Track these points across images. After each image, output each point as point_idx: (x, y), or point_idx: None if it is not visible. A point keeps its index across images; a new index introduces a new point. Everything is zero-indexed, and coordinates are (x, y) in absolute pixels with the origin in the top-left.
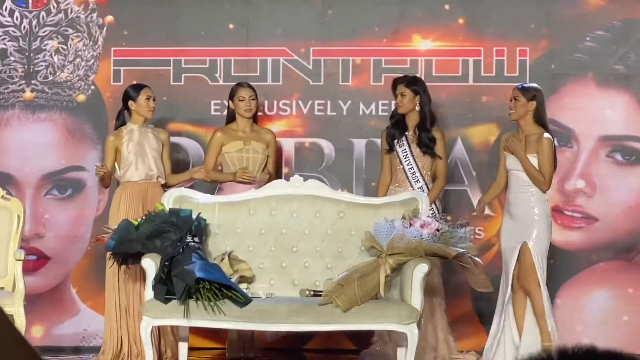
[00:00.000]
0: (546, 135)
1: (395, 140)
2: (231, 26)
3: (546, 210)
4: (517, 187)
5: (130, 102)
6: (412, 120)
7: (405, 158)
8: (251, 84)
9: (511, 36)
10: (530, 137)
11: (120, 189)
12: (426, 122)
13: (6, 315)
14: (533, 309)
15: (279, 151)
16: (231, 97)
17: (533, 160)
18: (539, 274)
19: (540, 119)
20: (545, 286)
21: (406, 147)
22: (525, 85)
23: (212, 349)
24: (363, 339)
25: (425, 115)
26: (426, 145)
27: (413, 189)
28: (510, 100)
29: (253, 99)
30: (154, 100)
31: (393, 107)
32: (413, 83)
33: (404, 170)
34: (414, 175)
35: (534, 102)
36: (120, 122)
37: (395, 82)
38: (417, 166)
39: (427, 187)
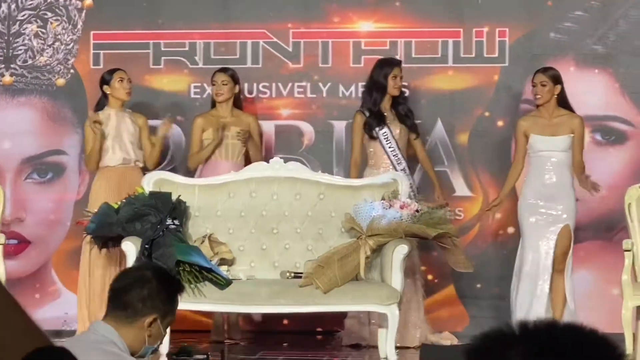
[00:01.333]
0: (577, 115)
1: (377, 128)
2: (210, 9)
3: (574, 192)
4: (549, 167)
5: (105, 87)
6: (387, 102)
7: (387, 142)
8: (231, 67)
9: (491, 17)
10: (559, 117)
11: (99, 174)
12: (398, 98)
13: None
14: (558, 290)
15: (261, 134)
16: (211, 82)
17: (567, 140)
18: (570, 254)
19: (564, 100)
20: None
21: (387, 130)
22: (548, 69)
23: (197, 332)
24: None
25: (400, 93)
26: (407, 117)
27: (396, 172)
28: (534, 86)
29: (225, 84)
30: (129, 81)
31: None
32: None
33: (387, 154)
34: (396, 158)
35: (559, 86)
36: (100, 107)
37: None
38: (399, 148)
39: (409, 169)
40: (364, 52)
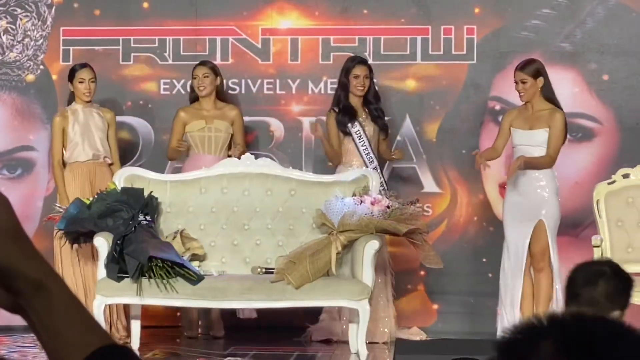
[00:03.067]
0: (559, 110)
1: (349, 125)
2: (181, 5)
3: (556, 187)
4: None
5: (69, 83)
6: (356, 101)
7: (359, 139)
8: (192, 63)
9: (458, 15)
10: (540, 112)
11: (68, 170)
12: (369, 97)
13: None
14: (539, 289)
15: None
16: (192, 76)
17: (544, 134)
18: (552, 253)
19: (548, 94)
20: (558, 268)
21: (359, 128)
22: (526, 64)
23: (166, 327)
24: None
25: (369, 92)
26: (378, 117)
27: (367, 168)
28: (516, 83)
29: (206, 77)
30: (91, 82)
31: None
32: (367, 62)
33: (359, 152)
34: (368, 156)
35: (541, 79)
36: (71, 97)
37: (354, 62)
38: (371, 146)
39: (380, 167)
40: (333, 49)
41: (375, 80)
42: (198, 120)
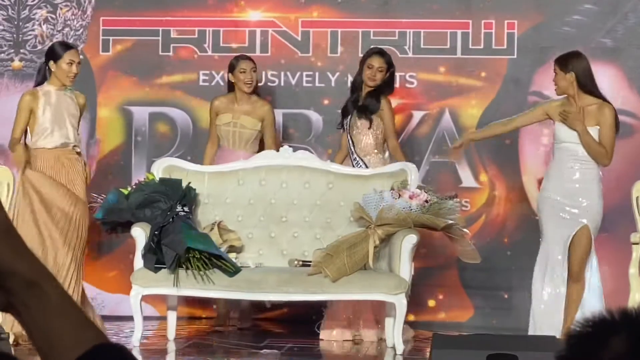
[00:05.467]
0: (607, 104)
1: (344, 121)
2: None
3: (601, 189)
4: (573, 161)
5: (51, 62)
6: (366, 92)
7: (344, 132)
8: (236, 54)
9: (499, 9)
10: (587, 107)
11: (33, 157)
12: (375, 91)
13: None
14: (572, 295)
15: (274, 124)
16: (231, 69)
17: (594, 132)
18: (592, 261)
19: (587, 88)
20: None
21: (348, 119)
22: (561, 56)
23: (200, 319)
24: None
25: (381, 85)
26: (365, 109)
27: (352, 163)
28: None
29: (254, 71)
30: (78, 65)
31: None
32: (386, 55)
33: (350, 144)
34: (351, 148)
35: (572, 73)
36: (41, 77)
37: (370, 52)
38: (352, 139)
39: (362, 160)
40: (373, 42)
41: (414, 74)
42: (228, 113)
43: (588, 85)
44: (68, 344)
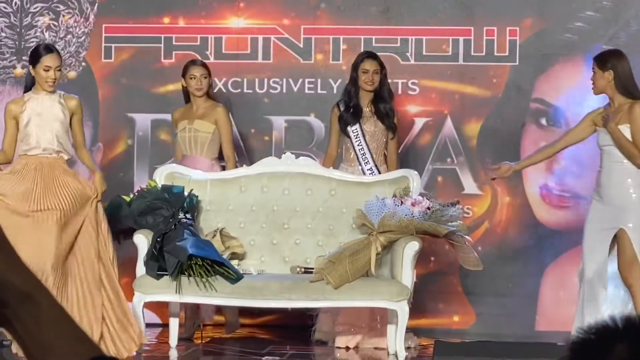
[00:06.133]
0: (637, 101)
1: (349, 125)
2: (224, 4)
3: None
4: (610, 164)
5: (31, 67)
6: (366, 98)
7: (356, 139)
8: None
9: (501, 16)
10: (621, 107)
11: (17, 163)
12: (382, 94)
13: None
14: (635, 306)
15: (230, 127)
16: (183, 74)
17: (626, 131)
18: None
19: (625, 88)
20: None
21: (357, 127)
22: (600, 53)
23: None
24: None
25: (383, 89)
26: (386, 116)
27: (363, 170)
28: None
29: (205, 77)
30: (57, 71)
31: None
32: (378, 58)
33: (355, 152)
34: (364, 157)
35: (611, 72)
36: (30, 82)
37: (363, 56)
38: (368, 147)
39: (378, 170)
40: (374, 49)
41: (416, 80)
42: (184, 120)
43: (626, 85)
44: (63, 357)
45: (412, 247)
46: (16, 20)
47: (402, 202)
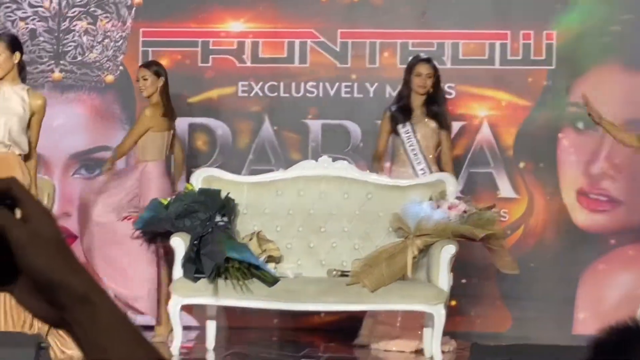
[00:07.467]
0: None
1: (400, 125)
2: (260, 8)
3: None
4: None
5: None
6: (418, 100)
7: (408, 140)
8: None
9: (538, 20)
10: None
11: None
12: (436, 98)
13: None
14: None
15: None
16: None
17: None
18: None
19: None
20: None
21: (409, 128)
22: None
23: (237, 329)
24: None
25: (437, 93)
26: (440, 115)
27: (415, 171)
28: None
29: (145, 79)
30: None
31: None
32: (432, 62)
33: (407, 152)
34: (416, 157)
35: None
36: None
37: (416, 61)
38: (420, 146)
39: (430, 170)
40: (411, 52)
41: (452, 84)
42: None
43: None
44: None
45: (448, 251)
46: (54, 24)
47: (438, 205)
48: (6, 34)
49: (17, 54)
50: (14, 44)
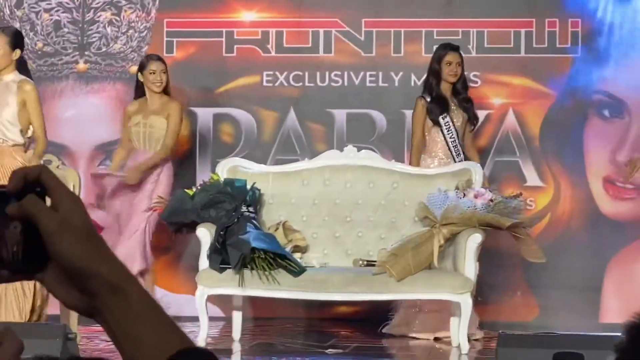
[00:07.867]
0: None
1: (441, 116)
2: None
3: None
4: None
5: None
6: (447, 89)
7: (448, 131)
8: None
9: (563, 8)
10: None
11: None
12: (458, 86)
13: None
14: None
15: (180, 122)
16: (141, 69)
17: None
18: None
19: None
20: None
21: (449, 119)
22: None
23: (264, 319)
24: None
25: (460, 81)
26: (468, 106)
27: (455, 162)
28: None
29: (164, 72)
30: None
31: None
32: (459, 49)
33: (447, 143)
34: (456, 148)
35: None
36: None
37: (446, 49)
38: (459, 138)
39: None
40: (435, 41)
41: (478, 73)
42: (138, 114)
43: None
44: (154, 348)
45: (474, 240)
46: (78, 15)
47: (464, 194)
48: (10, 29)
49: (17, 51)
50: (16, 41)
